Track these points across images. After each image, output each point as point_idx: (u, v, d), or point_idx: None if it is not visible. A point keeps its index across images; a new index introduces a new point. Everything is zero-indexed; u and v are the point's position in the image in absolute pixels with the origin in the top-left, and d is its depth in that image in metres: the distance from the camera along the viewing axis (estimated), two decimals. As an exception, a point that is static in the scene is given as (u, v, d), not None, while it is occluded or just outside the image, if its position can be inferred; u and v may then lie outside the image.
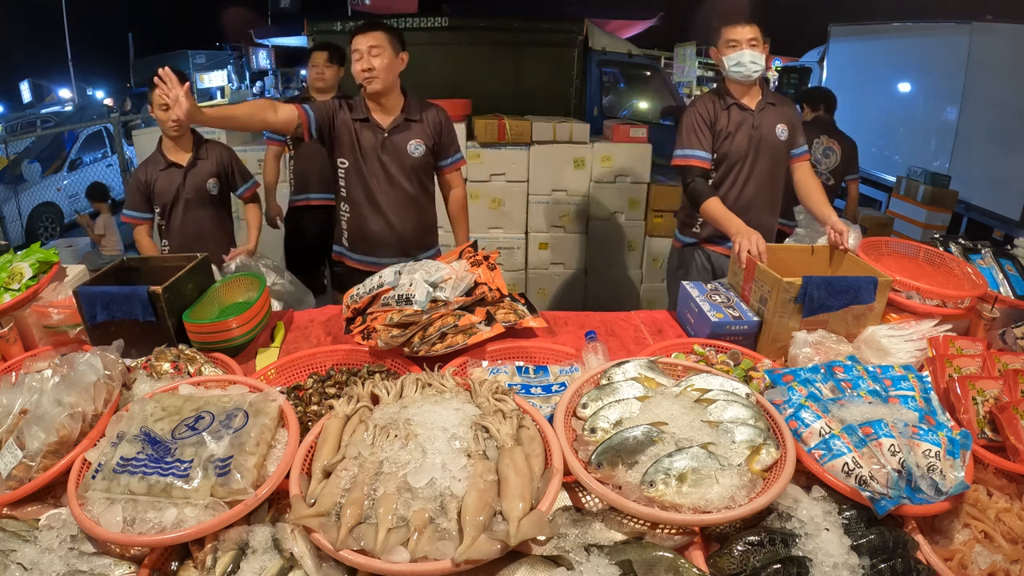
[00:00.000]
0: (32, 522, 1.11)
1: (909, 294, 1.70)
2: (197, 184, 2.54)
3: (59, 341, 1.70)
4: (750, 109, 2.26)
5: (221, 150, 2.64)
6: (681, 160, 2.28)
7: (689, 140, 2.27)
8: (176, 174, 2.52)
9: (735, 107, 2.25)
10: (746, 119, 2.25)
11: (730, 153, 2.26)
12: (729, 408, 1.19)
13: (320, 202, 3.26)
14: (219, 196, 2.62)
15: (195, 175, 2.54)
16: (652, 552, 0.98)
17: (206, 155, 2.57)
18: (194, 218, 2.56)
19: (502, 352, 1.61)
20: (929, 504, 1.07)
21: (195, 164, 2.54)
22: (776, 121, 2.27)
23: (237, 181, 2.67)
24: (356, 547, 0.92)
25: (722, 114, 2.25)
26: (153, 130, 4.87)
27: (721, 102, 2.27)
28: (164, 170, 2.52)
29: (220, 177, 2.60)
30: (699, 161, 2.25)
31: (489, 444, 1.10)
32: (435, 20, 4.42)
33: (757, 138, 2.24)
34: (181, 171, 2.52)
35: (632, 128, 3.95)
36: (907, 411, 1.23)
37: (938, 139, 5.68)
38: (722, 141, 2.26)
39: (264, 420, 1.16)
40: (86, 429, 1.22)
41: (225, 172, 2.62)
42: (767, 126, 2.26)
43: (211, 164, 2.57)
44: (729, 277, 1.95)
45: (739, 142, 2.25)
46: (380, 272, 1.75)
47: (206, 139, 2.62)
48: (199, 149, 2.56)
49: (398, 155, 2.20)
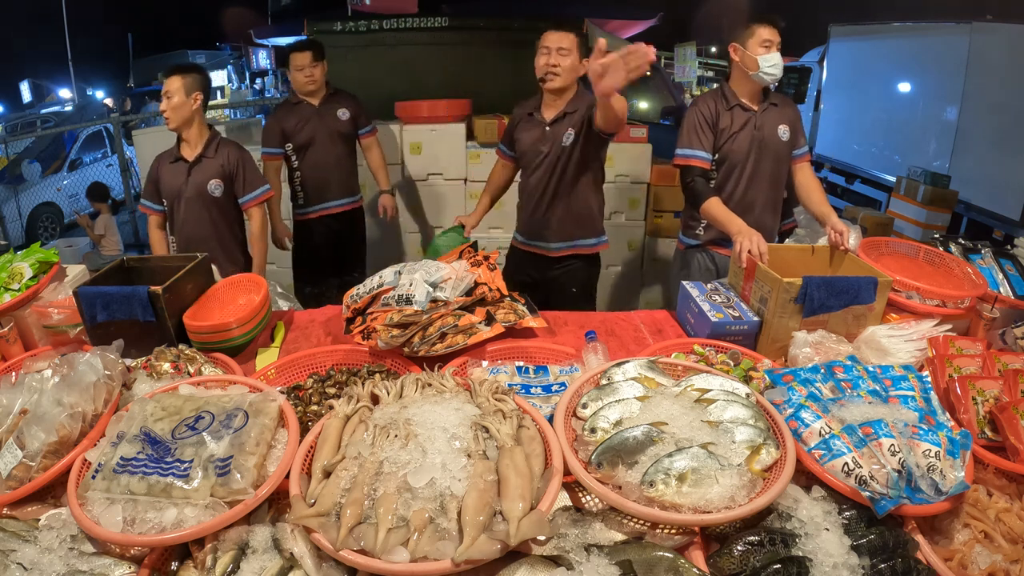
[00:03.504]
0: (32, 522, 1.11)
1: (909, 294, 1.70)
2: (199, 182, 2.46)
3: (59, 341, 1.70)
4: (753, 110, 2.25)
5: (231, 151, 2.51)
6: (681, 160, 2.28)
7: (690, 140, 2.26)
8: (182, 169, 2.46)
9: (738, 108, 2.25)
10: (749, 119, 2.24)
11: (732, 153, 2.25)
12: (729, 408, 1.19)
13: (339, 209, 3.21)
14: (223, 199, 2.51)
15: (199, 172, 2.46)
16: (652, 552, 0.98)
17: (213, 154, 2.48)
18: (196, 218, 2.49)
19: (502, 352, 1.61)
20: (929, 504, 1.07)
21: (200, 161, 2.46)
22: (778, 122, 2.26)
23: (242, 187, 2.53)
24: (356, 547, 0.92)
25: (725, 114, 2.25)
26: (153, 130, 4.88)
27: (724, 102, 2.26)
28: (172, 163, 2.48)
29: (224, 179, 2.49)
30: (699, 161, 2.24)
31: (489, 444, 1.10)
32: (435, 20, 4.42)
33: (759, 139, 2.24)
34: (187, 167, 2.46)
35: (632, 128, 3.95)
36: (907, 411, 1.23)
37: (938, 139, 5.68)
38: (724, 141, 2.25)
39: (264, 420, 1.16)
40: (86, 429, 1.22)
41: (230, 175, 2.50)
42: (769, 127, 2.25)
43: (216, 164, 2.47)
44: (729, 277, 1.95)
45: (741, 142, 2.24)
46: (380, 272, 1.76)
47: (221, 138, 2.52)
48: (208, 147, 2.47)
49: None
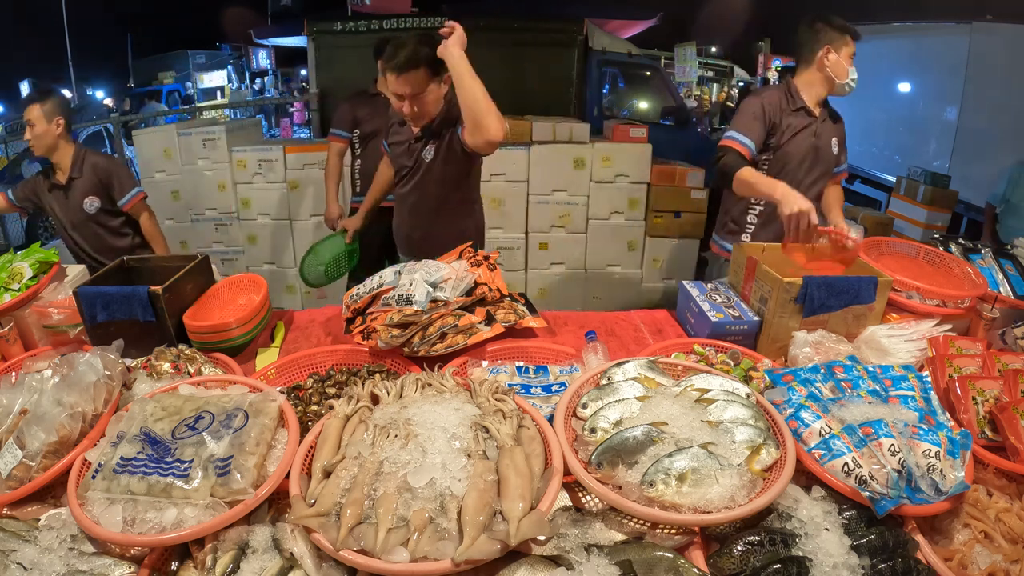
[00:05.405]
0: (32, 522, 1.11)
1: (909, 294, 1.70)
2: (75, 205, 2.51)
3: (59, 341, 1.70)
4: (815, 116, 2.20)
5: (98, 164, 2.55)
6: (727, 141, 2.13)
7: (743, 125, 2.14)
8: (59, 195, 2.52)
9: (803, 111, 2.19)
10: (810, 124, 2.19)
11: (788, 156, 2.19)
12: (729, 408, 1.19)
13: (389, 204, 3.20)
14: (102, 211, 2.55)
15: (73, 195, 2.51)
16: (652, 552, 0.98)
17: (79, 173, 2.51)
18: (85, 236, 2.56)
19: (502, 352, 1.61)
20: (929, 504, 1.07)
21: (71, 184, 2.50)
22: (832, 134, 2.25)
23: (116, 192, 2.57)
24: (356, 547, 0.92)
25: (789, 115, 2.18)
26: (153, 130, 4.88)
27: (791, 102, 2.19)
28: (50, 192, 2.53)
29: (98, 194, 2.53)
30: (742, 148, 2.11)
31: (489, 444, 1.10)
32: (434, 20, 4.42)
33: (816, 146, 2.20)
34: (62, 191, 2.51)
35: (632, 128, 3.95)
36: (907, 411, 1.23)
37: (938, 139, 5.68)
38: (783, 142, 2.18)
39: (264, 420, 1.16)
40: (86, 429, 1.22)
41: (104, 187, 2.54)
42: (825, 137, 2.22)
43: (86, 182, 2.51)
44: (729, 277, 1.95)
45: (799, 145, 2.18)
46: (380, 272, 1.76)
47: (87, 153, 2.54)
48: (74, 167, 2.50)
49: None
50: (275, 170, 4.05)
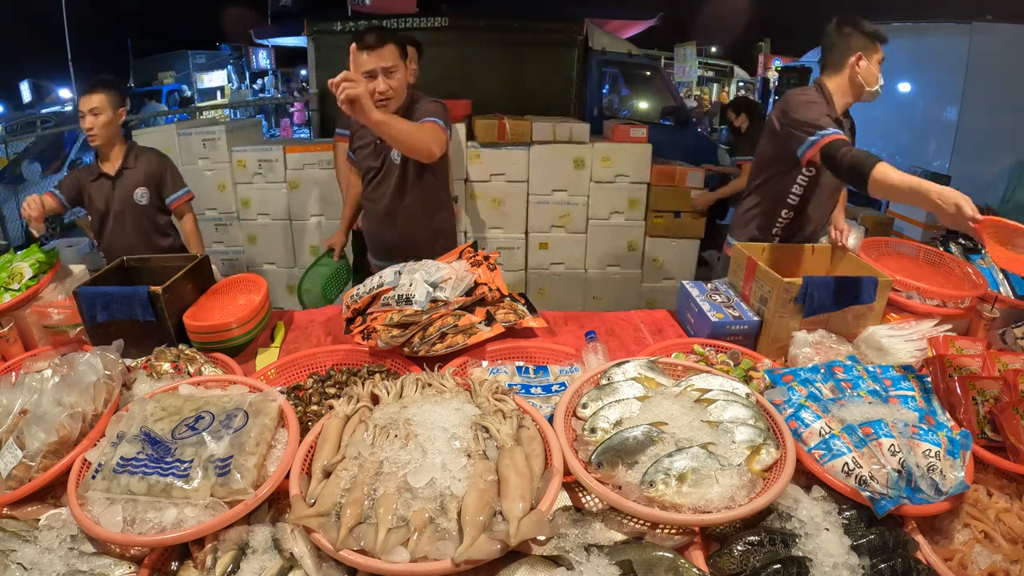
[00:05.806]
0: (32, 522, 1.11)
1: (909, 294, 1.70)
2: (123, 195, 2.52)
3: (59, 341, 1.70)
4: (843, 125, 2.05)
5: (151, 158, 2.60)
6: (831, 136, 1.82)
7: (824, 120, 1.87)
8: (106, 185, 2.52)
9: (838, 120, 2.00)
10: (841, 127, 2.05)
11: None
12: (729, 408, 1.19)
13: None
14: (150, 206, 2.58)
15: (122, 185, 2.52)
16: (652, 552, 0.98)
17: (134, 164, 2.54)
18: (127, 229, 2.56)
19: (502, 352, 1.61)
20: (929, 504, 1.07)
21: (122, 174, 2.52)
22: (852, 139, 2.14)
23: (167, 188, 2.61)
24: (356, 547, 0.92)
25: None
26: (153, 130, 4.88)
27: (831, 109, 2.01)
28: (94, 181, 2.53)
29: (149, 186, 2.56)
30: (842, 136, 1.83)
31: (489, 444, 1.10)
32: (435, 20, 4.42)
33: None
34: (110, 181, 2.51)
35: (632, 128, 3.95)
36: (907, 411, 1.23)
37: (938, 139, 5.68)
38: None
39: (264, 420, 1.16)
40: (86, 429, 1.22)
41: (155, 180, 2.57)
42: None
43: (139, 173, 2.54)
44: (729, 277, 1.95)
45: None
46: (380, 272, 1.76)
47: (138, 148, 2.59)
48: (127, 158, 2.53)
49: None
50: (275, 170, 4.04)
